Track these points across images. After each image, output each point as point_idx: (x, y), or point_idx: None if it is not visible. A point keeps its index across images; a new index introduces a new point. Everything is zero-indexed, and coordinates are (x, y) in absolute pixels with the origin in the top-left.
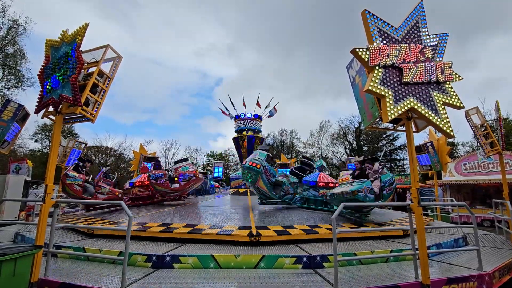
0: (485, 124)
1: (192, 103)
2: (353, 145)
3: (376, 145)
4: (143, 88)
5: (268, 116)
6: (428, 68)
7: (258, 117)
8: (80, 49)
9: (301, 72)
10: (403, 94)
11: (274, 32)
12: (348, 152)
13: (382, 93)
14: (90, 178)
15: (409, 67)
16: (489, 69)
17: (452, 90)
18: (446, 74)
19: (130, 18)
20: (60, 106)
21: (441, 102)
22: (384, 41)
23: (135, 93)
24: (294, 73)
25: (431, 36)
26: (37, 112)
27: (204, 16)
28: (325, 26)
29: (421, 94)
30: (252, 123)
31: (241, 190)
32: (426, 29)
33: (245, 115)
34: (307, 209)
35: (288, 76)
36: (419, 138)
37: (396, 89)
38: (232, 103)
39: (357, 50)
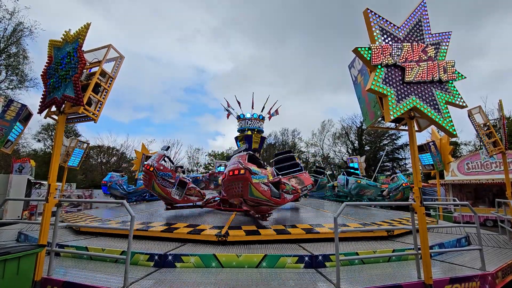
0: (488, 123)
1: (190, 100)
2: (355, 145)
3: (378, 144)
4: (136, 85)
5: (269, 118)
6: (430, 67)
7: (261, 118)
8: (82, 49)
9: (297, 64)
10: (406, 93)
11: (264, 18)
12: (350, 152)
13: (384, 92)
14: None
15: (411, 66)
16: (500, 57)
17: (455, 89)
18: (448, 73)
19: (109, 7)
20: (63, 105)
21: (444, 101)
22: (386, 40)
23: (129, 90)
24: (290, 65)
25: (433, 35)
26: (40, 112)
27: (191, 4)
28: (318, 7)
29: (423, 93)
30: (256, 123)
31: None
32: (429, 28)
33: (251, 115)
34: None
35: (285, 70)
36: (422, 137)
37: (399, 88)
38: (239, 103)
39: (359, 49)
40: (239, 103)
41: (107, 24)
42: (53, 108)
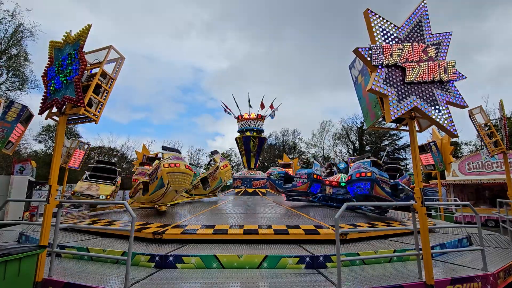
0: (489, 123)
1: (187, 100)
2: (356, 145)
3: (379, 145)
4: (133, 85)
5: (270, 115)
6: (431, 67)
7: (261, 117)
8: (83, 50)
9: (297, 64)
10: (406, 93)
11: (264, 17)
12: (351, 152)
13: (385, 92)
14: None
15: (412, 66)
16: (503, 54)
17: (456, 89)
18: (449, 73)
19: (107, 7)
20: (64, 107)
21: (444, 102)
22: (387, 41)
23: (127, 91)
24: (290, 65)
25: (434, 35)
26: (41, 113)
27: (188, 3)
28: (318, 6)
29: (424, 93)
30: (256, 123)
31: (250, 190)
32: (429, 28)
33: (249, 115)
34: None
35: (284, 69)
36: (423, 138)
37: (399, 88)
38: (237, 104)
39: (360, 49)
40: (237, 104)
41: (105, 24)
42: (54, 109)
